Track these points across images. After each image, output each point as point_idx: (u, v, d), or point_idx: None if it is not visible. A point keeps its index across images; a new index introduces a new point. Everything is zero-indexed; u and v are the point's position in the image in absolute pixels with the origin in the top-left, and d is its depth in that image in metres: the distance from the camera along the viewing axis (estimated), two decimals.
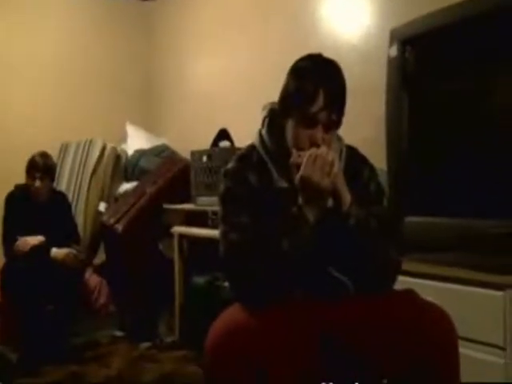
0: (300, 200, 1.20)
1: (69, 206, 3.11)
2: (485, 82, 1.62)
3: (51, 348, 2.58)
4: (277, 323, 1.14)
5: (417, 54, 1.75)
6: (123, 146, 3.71)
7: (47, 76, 3.69)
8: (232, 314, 1.17)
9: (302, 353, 1.15)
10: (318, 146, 1.20)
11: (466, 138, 1.65)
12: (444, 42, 1.69)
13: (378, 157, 1.65)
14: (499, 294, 1.46)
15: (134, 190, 3.24)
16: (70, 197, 3.27)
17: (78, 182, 3.46)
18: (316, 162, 1.16)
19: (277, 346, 1.12)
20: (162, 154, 3.51)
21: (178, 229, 2.88)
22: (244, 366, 1.08)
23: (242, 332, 1.11)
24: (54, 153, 3.15)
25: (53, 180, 2.93)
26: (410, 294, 1.23)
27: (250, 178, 1.28)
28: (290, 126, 1.26)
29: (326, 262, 1.26)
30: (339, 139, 1.36)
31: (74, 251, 2.79)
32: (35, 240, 2.69)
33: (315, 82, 1.21)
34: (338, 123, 1.25)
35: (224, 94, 3.36)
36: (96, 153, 3.47)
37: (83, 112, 3.79)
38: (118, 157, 3.60)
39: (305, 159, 1.17)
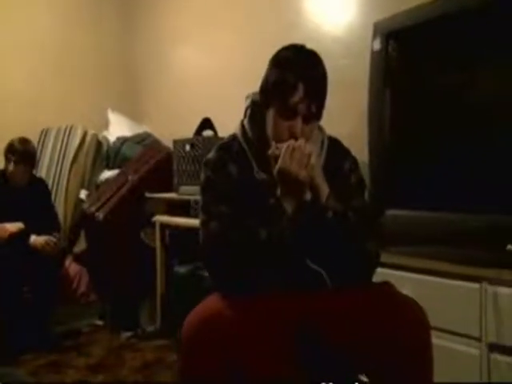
0: (278, 192, 1.20)
1: (49, 192, 3.07)
2: (468, 76, 1.63)
3: (30, 336, 2.56)
4: (253, 313, 1.14)
5: (400, 47, 1.75)
6: (105, 133, 3.66)
7: (27, 60, 3.59)
8: (208, 304, 1.17)
9: (277, 343, 1.15)
10: (296, 138, 1.20)
11: (447, 133, 1.66)
12: (427, 36, 1.69)
13: (359, 150, 1.65)
14: (476, 286, 1.48)
15: (116, 177, 3.20)
16: (50, 184, 3.23)
17: (59, 169, 3.40)
18: (293, 154, 1.16)
19: (252, 336, 1.12)
20: (145, 141, 3.48)
21: (160, 218, 2.87)
22: (218, 356, 1.08)
23: (217, 321, 1.11)
24: (33, 139, 3.09)
25: (33, 166, 2.89)
26: (386, 287, 1.23)
27: (230, 168, 1.28)
28: (270, 116, 1.25)
29: (304, 253, 1.26)
30: (321, 130, 1.36)
31: (54, 239, 2.76)
32: (14, 227, 2.66)
33: (295, 72, 1.20)
34: (318, 115, 1.24)
35: (208, 82, 3.33)
36: (77, 139, 3.42)
37: (64, 98, 3.71)
38: (99, 144, 3.55)
39: (283, 151, 1.17)
